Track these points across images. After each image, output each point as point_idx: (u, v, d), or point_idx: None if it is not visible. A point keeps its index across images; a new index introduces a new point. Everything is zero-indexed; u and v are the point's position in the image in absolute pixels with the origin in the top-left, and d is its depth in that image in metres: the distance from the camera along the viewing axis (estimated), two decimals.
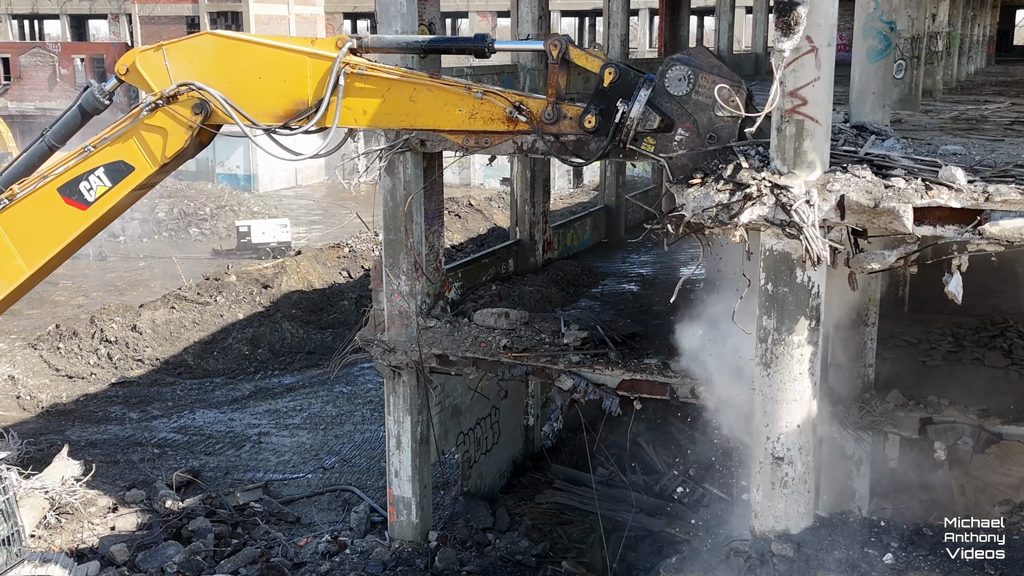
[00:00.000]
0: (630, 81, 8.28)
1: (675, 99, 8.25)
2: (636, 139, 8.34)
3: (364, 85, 8.81)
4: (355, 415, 20.85)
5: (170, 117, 9.01)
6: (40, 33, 76.55)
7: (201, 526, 15.16)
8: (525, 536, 14.96)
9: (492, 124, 8.74)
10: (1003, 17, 45.77)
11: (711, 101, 8.20)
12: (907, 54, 14.35)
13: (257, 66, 8.95)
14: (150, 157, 9.08)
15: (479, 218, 38.70)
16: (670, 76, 8.22)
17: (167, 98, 8.93)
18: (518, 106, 8.59)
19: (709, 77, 8.20)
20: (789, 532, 8.87)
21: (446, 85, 8.75)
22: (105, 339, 24.73)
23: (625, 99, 8.25)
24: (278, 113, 9.00)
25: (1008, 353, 12.71)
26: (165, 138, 9.05)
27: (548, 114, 8.52)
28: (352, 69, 8.75)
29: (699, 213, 8.20)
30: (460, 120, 8.77)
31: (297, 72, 8.87)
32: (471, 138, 8.92)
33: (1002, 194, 7.84)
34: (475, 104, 8.68)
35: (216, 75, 8.95)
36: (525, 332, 13.35)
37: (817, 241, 8.07)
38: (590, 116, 8.34)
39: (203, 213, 42.18)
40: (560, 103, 8.52)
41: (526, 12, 17.62)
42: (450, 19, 70.43)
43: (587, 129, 8.40)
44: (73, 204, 9.15)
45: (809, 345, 8.60)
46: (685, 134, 8.31)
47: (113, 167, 9.09)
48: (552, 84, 8.49)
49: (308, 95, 8.87)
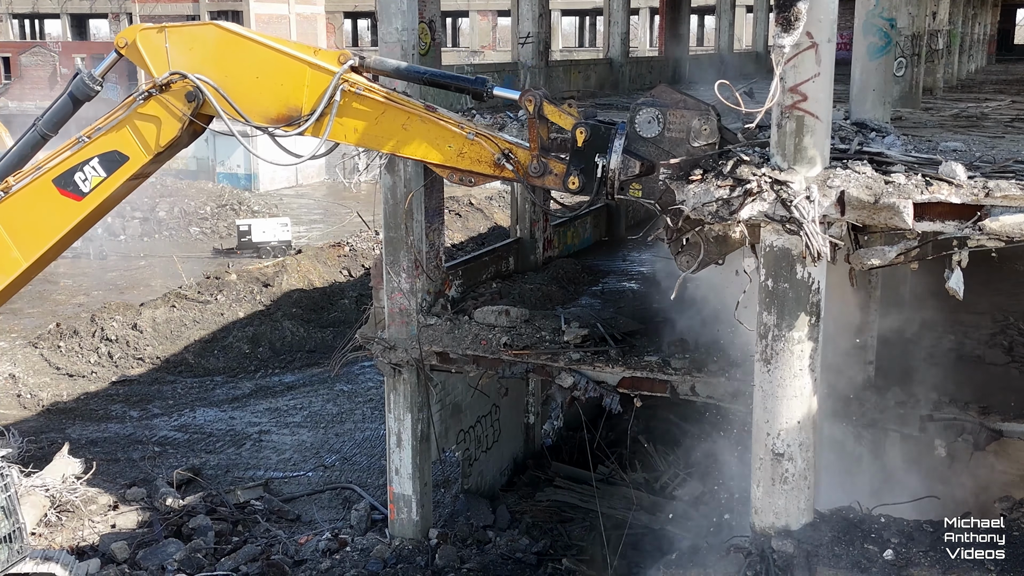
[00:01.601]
0: (602, 135, 8.39)
1: (650, 141, 8.38)
2: (623, 188, 8.45)
3: (359, 105, 8.80)
4: (356, 413, 20.87)
5: (163, 106, 8.97)
6: (41, 32, 76.60)
7: (202, 524, 15.16)
8: (525, 534, 14.98)
9: (479, 166, 8.74)
10: (1004, 16, 45.74)
11: (684, 135, 8.31)
12: (907, 52, 14.34)
13: (256, 65, 8.92)
14: (144, 146, 9.03)
15: (480, 217, 38.71)
16: (639, 120, 8.35)
17: (160, 87, 8.91)
18: (506, 154, 8.60)
19: (677, 112, 8.33)
20: (789, 528, 8.88)
21: (440, 120, 8.71)
22: (106, 337, 24.73)
23: (602, 153, 8.34)
24: (271, 115, 8.98)
25: (1009, 350, 12.73)
26: (159, 127, 9.00)
27: (534, 167, 8.57)
28: (350, 87, 8.74)
29: (699, 209, 8.21)
30: (448, 156, 8.76)
31: (295, 79, 8.85)
32: (456, 174, 8.90)
33: (1002, 190, 7.84)
34: (465, 143, 8.68)
35: (214, 67, 8.92)
36: (525, 330, 13.36)
37: (817, 237, 8.07)
38: (573, 178, 8.43)
39: (204, 212, 42.16)
40: (546, 157, 8.54)
41: (526, 10, 17.63)
42: (450, 18, 70.42)
43: (571, 190, 8.49)
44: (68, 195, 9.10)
45: (809, 341, 8.61)
46: (668, 172, 8.40)
47: (108, 157, 9.04)
48: (533, 138, 8.53)
49: (303, 103, 8.84)
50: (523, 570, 14.12)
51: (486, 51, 65.18)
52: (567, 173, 8.44)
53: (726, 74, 23.30)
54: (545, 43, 18.25)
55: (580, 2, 64.50)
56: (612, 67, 22.78)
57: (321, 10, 62.18)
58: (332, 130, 8.84)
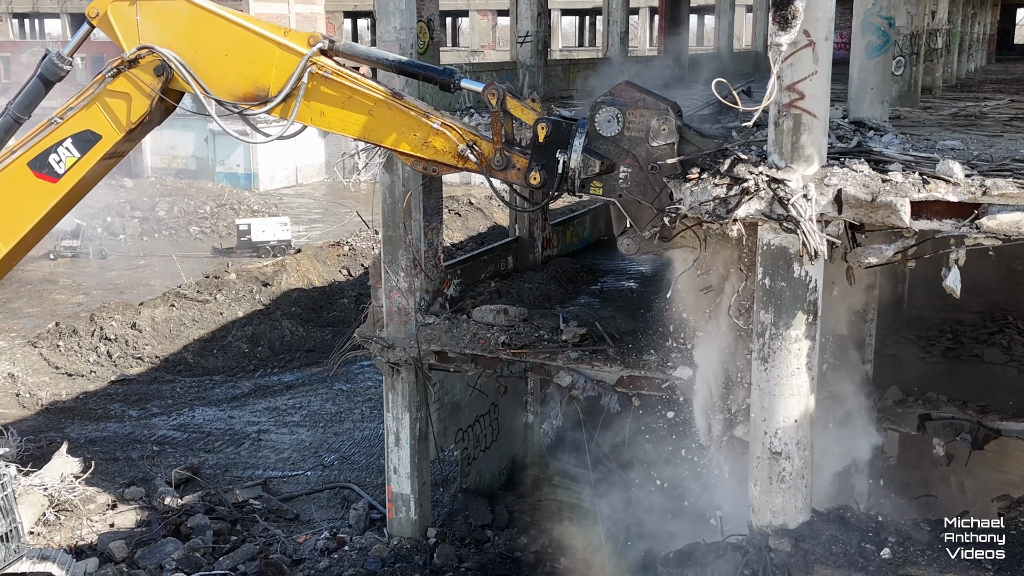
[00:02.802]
0: (564, 131, 8.46)
1: (610, 140, 8.44)
2: (584, 185, 8.52)
3: (326, 89, 8.80)
4: (354, 412, 20.87)
5: (131, 82, 8.95)
6: (41, 32, 76.58)
7: (200, 523, 15.16)
8: (524, 533, 14.98)
9: (442, 156, 8.77)
10: (1004, 15, 45.70)
11: (644, 134, 8.36)
12: (906, 51, 14.34)
13: (226, 43, 8.89)
14: (116, 124, 9.00)
15: (479, 216, 38.72)
16: (599, 119, 8.42)
17: (129, 62, 8.90)
18: (470, 145, 8.64)
19: (636, 112, 8.39)
20: (786, 527, 8.87)
21: (406, 108, 8.73)
22: (105, 337, 24.74)
23: (563, 149, 8.42)
24: (237, 93, 8.97)
25: (1007, 349, 12.72)
26: (129, 104, 8.95)
27: (497, 160, 8.62)
28: (318, 70, 8.74)
29: (696, 207, 8.20)
30: (413, 144, 8.80)
31: (264, 58, 8.83)
32: (420, 163, 8.93)
33: (999, 188, 7.84)
34: (429, 132, 8.72)
35: (184, 42, 8.90)
36: (524, 329, 13.35)
37: (814, 235, 8.07)
38: (534, 173, 8.52)
39: (203, 211, 42.21)
40: (510, 151, 8.59)
41: (525, 10, 17.61)
42: (450, 17, 70.41)
43: (533, 185, 8.56)
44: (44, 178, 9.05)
45: (807, 340, 8.60)
46: (628, 170, 8.49)
47: (81, 136, 9.01)
48: (497, 131, 8.57)
49: (270, 83, 8.84)
50: (521, 569, 14.12)
51: (486, 50, 65.16)
52: (528, 168, 8.52)
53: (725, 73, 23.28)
54: (544, 42, 18.23)
55: (580, 1, 64.46)
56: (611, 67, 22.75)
57: (321, 10, 62.13)
58: (299, 112, 8.85)
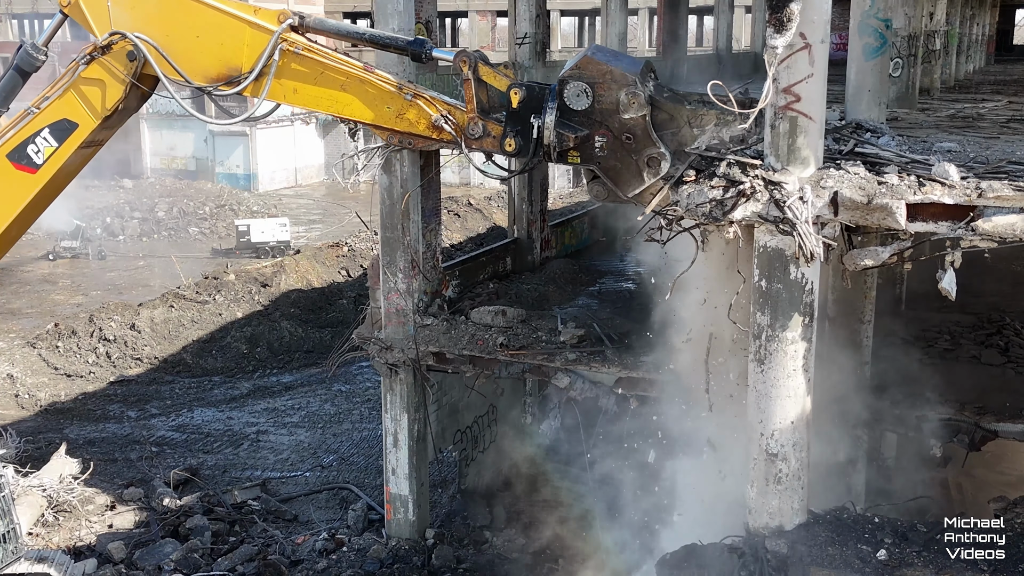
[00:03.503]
0: (537, 96, 8.52)
1: (582, 113, 8.51)
2: (562, 156, 8.57)
3: (298, 65, 8.80)
4: (353, 413, 20.88)
5: (105, 69, 8.96)
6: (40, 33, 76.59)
7: (199, 524, 15.17)
8: (522, 534, 14.98)
9: (417, 128, 8.78)
10: (1003, 16, 45.72)
11: (614, 107, 8.41)
12: (904, 52, 14.35)
13: (197, 24, 8.90)
14: (91, 111, 9.01)
15: (478, 217, 38.73)
16: (568, 94, 8.49)
17: (101, 48, 8.88)
18: (445, 116, 8.64)
19: (604, 86, 8.45)
20: (783, 528, 8.88)
21: (378, 80, 8.71)
22: (104, 338, 24.74)
23: (537, 114, 8.46)
24: (211, 74, 8.98)
25: (1004, 351, 12.73)
26: (104, 90, 8.99)
27: (472, 129, 8.62)
28: (289, 46, 8.73)
29: (693, 209, 8.22)
30: (387, 117, 8.78)
31: (235, 38, 8.83)
32: (395, 136, 8.92)
33: (995, 190, 7.85)
34: (403, 105, 8.72)
35: (155, 26, 8.90)
36: (522, 330, 13.36)
37: (810, 237, 8.08)
38: (509, 140, 8.55)
39: (203, 212, 42.20)
40: (485, 120, 8.58)
41: (523, 11, 17.62)
42: (449, 18, 70.44)
43: (508, 152, 8.57)
44: (23, 168, 9.08)
45: (803, 341, 8.61)
46: (603, 139, 8.55)
47: (57, 126, 9.03)
48: (470, 99, 8.58)
49: (242, 62, 8.84)
50: (520, 570, 14.13)
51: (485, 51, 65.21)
52: (503, 135, 8.52)
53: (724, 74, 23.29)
54: (542, 43, 18.23)
55: (579, 2, 64.44)
56: None
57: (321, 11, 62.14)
58: (271, 90, 8.87)
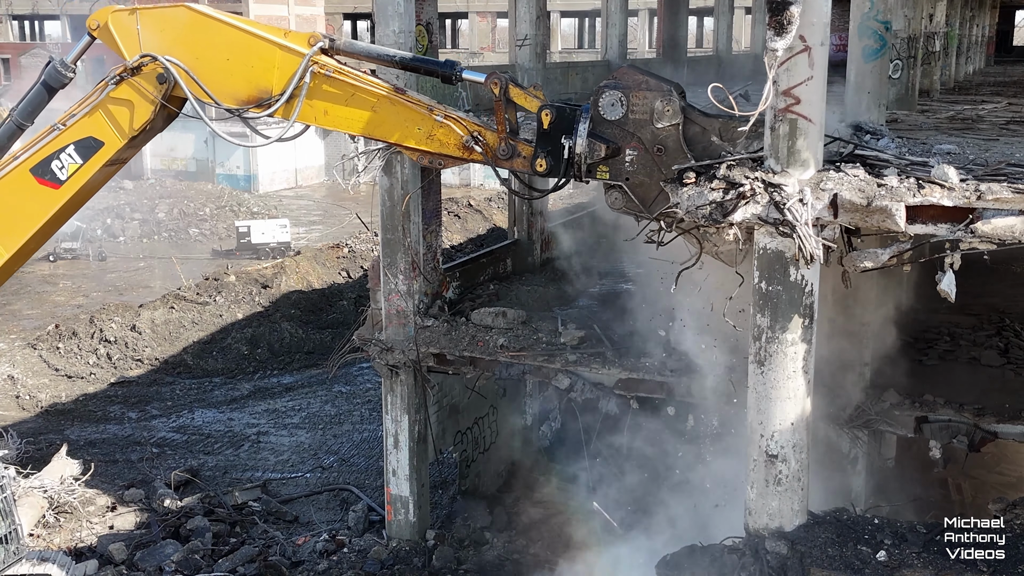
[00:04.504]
0: (568, 117, 8.47)
1: (615, 124, 8.47)
2: (590, 170, 8.53)
3: (329, 87, 8.82)
4: (354, 414, 20.89)
5: (135, 89, 8.95)
6: (40, 34, 76.57)
7: (199, 525, 15.19)
8: (523, 535, 14.99)
9: (447, 149, 8.78)
10: (1002, 17, 45.77)
11: (648, 116, 8.39)
12: (903, 54, 14.37)
13: (227, 47, 8.90)
14: (118, 131, 9.02)
15: (479, 218, 38.74)
16: (603, 104, 8.45)
17: (131, 69, 8.90)
18: (475, 136, 8.65)
19: (640, 94, 8.42)
20: (783, 529, 8.90)
21: (409, 102, 8.74)
22: (104, 339, 24.77)
23: (568, 135, 8.44)
24: (241, 97, 8.99)
25: (1004, 352, 12.75)
26: (132, 111, 8.98)
27: (503, 150, 8.63)
28: (320, 69, 8.76)
29: (693, 211, 8.23)
30: (417, 138, 8.81)
31: (266, 61, 8.85)
32: (426, 156, 8.94)
33: (994, 192, 7.86)
34: (434, 126, 8.73)
35: (185, 49, 8.90)
36: (522, 331, 13.37)
37: (810, 240, 8.10)
38: (540, 160, 8.53)
39: (203, 213, 42.23)
40: (515, 140, 8.60)
41: (524, 13, 17.66)
42: (449, 20, 70.44)
43: (539, 172, 8.57)
44: (46, 184, 9.08)
45: (803, 343, 8.63)
46: (634, 153, 8.52)
47: (83, 143, 9.02)
48: (500, 120, 8.59)
49: (273, 85, 8.85)
50: (520, 571, 14.14)
51: (485, 52, 65.18)
52: (534, 155, 8.54)
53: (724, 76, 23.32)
54: (543, 45, 18.27)
55: (579, 3, 64.43)
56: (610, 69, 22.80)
57: (321, 11, 62.17)
58: (302, 112, 8.87)
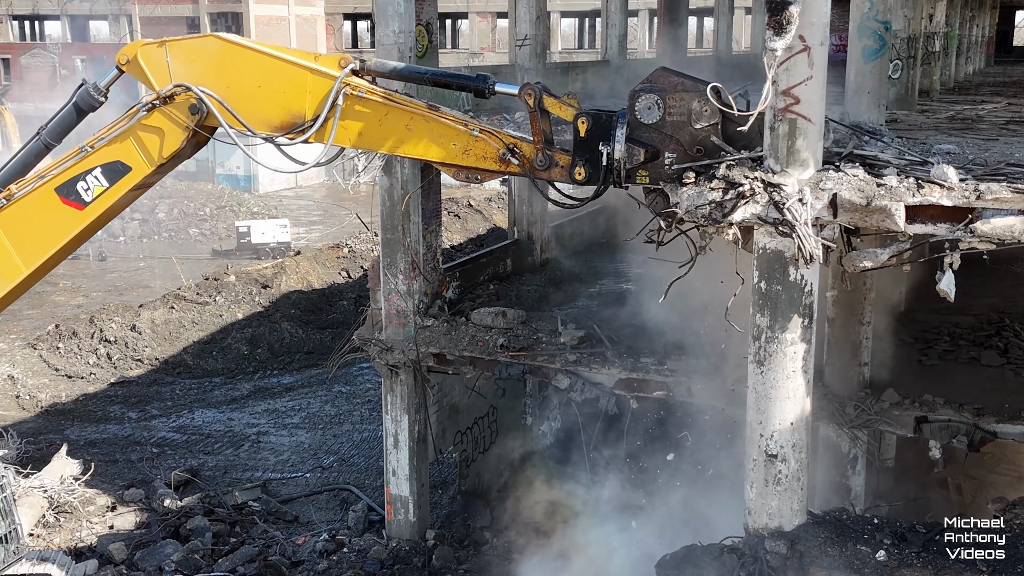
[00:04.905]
0: (604, 123, 8.44)
1: (652, 127, 8.40)
2: (630, 175, 8.49)
3: (362, 108, 8.81)
4: (354, 414, 20.90)
5: (167, 118, 9.00)
6: (41, 34, 76.60)
7: (199, 525, 15.20)
8: (523, 535, 14.99)
9: (484, 163, 8.75)
10: (1002, 18, 45.80)
11: (686, 118, 8.34)
12: (903, 54, 14.38)
13: (258, 74, 8.94)
14: (147, 157, 9.07)
15: (479, 218, 38.73)
16: (639, 107, 8.38)
17: (164, 99, 8.94)
18: (512, 149, 8.62)
19: (676, 96, 8.36)
20: (783, 529, 8.90)
21: (443, 119, 8.72)
22: (104, 339, 24.77)
23: (605, 141, 8.40)
24: (274, 123, 9.01)
25: (1004, 352, 12.76)
26: (162, 139, 9.03)
27: (540, 160, 8.61)
28: (352, 90, 8.75)
29: (692, 211, 8.24)
30: (453, 154, 8.78)
31: (297, 86, 8.87)
32: (462, 172, 8.92)
33: (993, 192, 7.87)
34: (470, 141, 8.70)
35: (216, 78, 8.95)
36: (522, 331, 13.38)
37: (809, 239, 8.10)
38: (579, 168, 8.49)
39: (203, 213, 42.22)
40: (551, 150, 8.58)
41: (523, 13, 17.65)
42: (449, 20, 70.47)
43: (578, 181, 8.54)
44: (70, 204, 9.14)
45: (802, 343, 8.63)
46: (673, 155, 8.47)
47: (110, 167, 9.07)
48: (536, 131, 8.57)
49: (306, 109, 8.87)
50: (520, 571, 14.14)
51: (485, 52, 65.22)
52: (572, 164, 8.49)
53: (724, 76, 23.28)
54: (543, 45, 18.27)
55: (579, 4, 64.47)
56: (609, 69, 22.79)
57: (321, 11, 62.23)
58: (336, 134, 8.86)
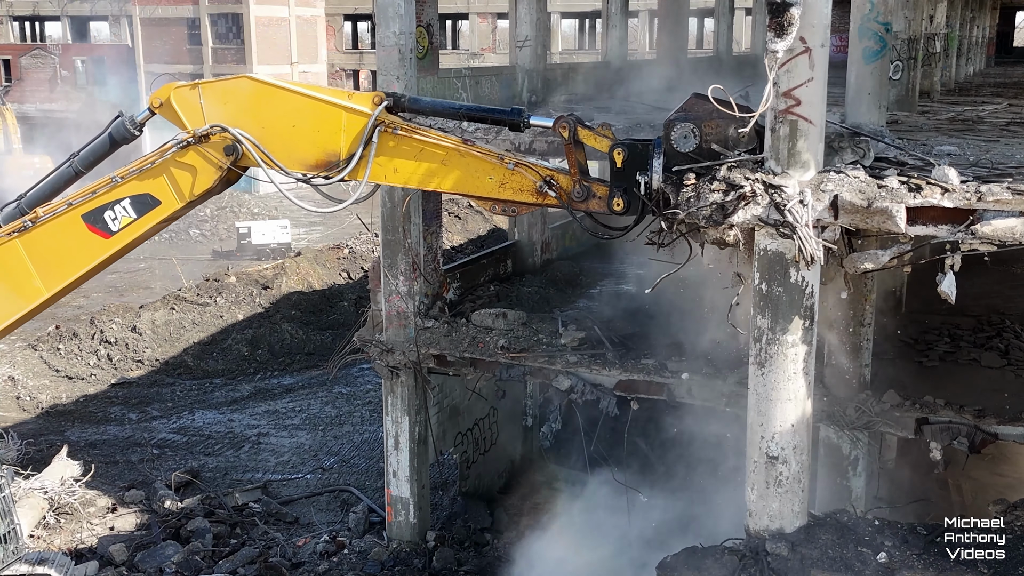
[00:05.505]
0: (640, 153, 8.39)
1: (689, 156, 8.34)
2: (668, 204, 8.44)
3: (397, 144, 8.78)
4: (354, 416, 20.90)
5: (201, 156, 8.98)
6: (41, 35, 76.62)
7: (200, 526, 15.20)
8: (523, 537, 14.98)
9: (521, 195, 8.68)
10: (1003, 19, 45.80)
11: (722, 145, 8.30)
12: (904, 55, 14.38)
13: (292, 114, 8.93)
14: (178, 193, 9.08)
15: (479, 219, 38.71)
16: (675, 137, 8.32)
17: (199, 138, 8.93)
18: (548, 181, 8.55)
19: (712, 123, 8.31)
20: (783, 531, 8.90)
21: (479, 153, 8.68)
22: (105, 340, 24.77)
23: (642, 171, 8.36)
24: (309, 162, 9.01)
25: (1004, 354, 12.75)
26: (194, 176, 9.03)
27: (577, 192, 8.55)
28: (387, 128, 8.73)
29: (693, 213, 8.23)
30: (490, 188, 8.73)
31: (332, 124, 8.84)
32: (499, 205, 8.87)
33: (994, 194, 7.87)
34: (506, 174, 8.64)
35: (250, 119, 8.94)
36: (523, 332, 13.39)
37: (810, 241, 8.10)
38: (617, 199, 8.42)
39: (203, 214, 42.21)
40: (588, 181, 8.54)
41: (524, 14, 17.67)
42: (450, 20, 70.46)
43: (617, 211, 8.48)
44: (96, 232, 9.13)
45: (803, 344, 8.63)
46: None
47: (140, 199, 9.07)
48: (572, 163, 8.51)
49: (341, 147, 8.84)
50: (520, 572, 14.13)
51: (486, 53, 65.19)
52: (610, 195, 8.42)
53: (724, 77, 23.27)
54: (543, 46, 18.28)
55: (580, 5, 64.43)
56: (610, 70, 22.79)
57: (321, 12, 62.14)
58: (372, 171, 8.83)
